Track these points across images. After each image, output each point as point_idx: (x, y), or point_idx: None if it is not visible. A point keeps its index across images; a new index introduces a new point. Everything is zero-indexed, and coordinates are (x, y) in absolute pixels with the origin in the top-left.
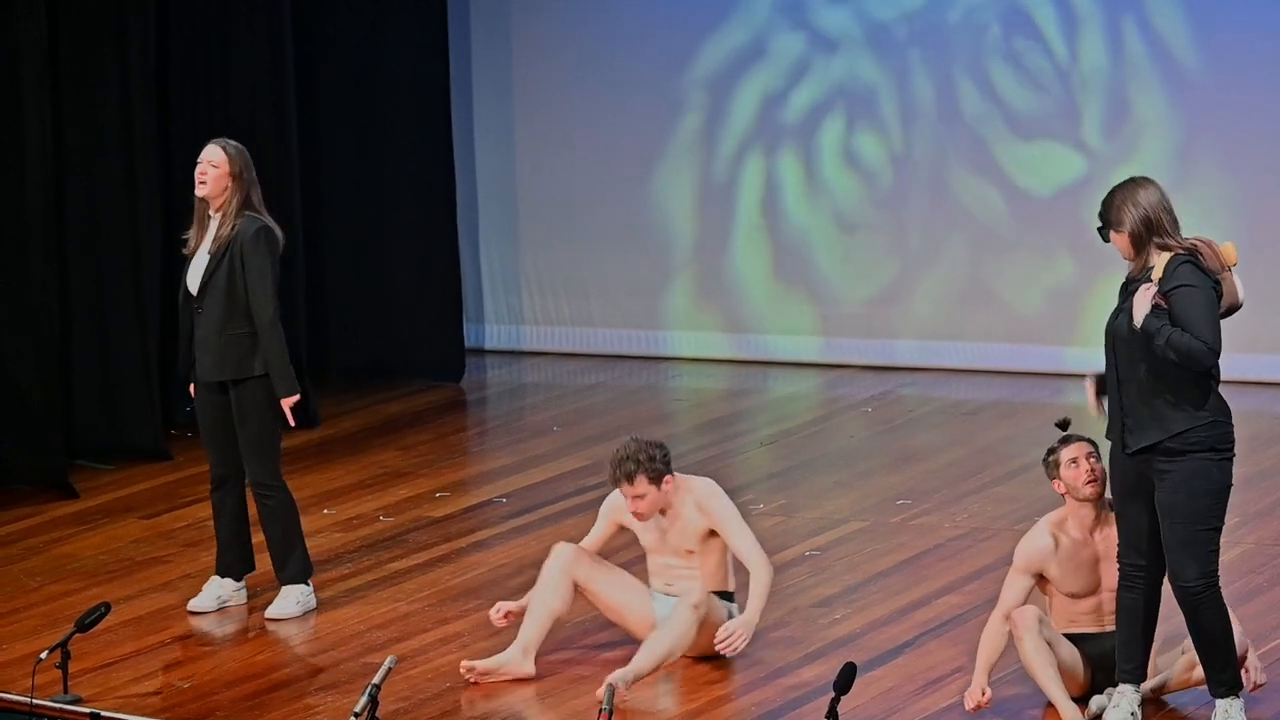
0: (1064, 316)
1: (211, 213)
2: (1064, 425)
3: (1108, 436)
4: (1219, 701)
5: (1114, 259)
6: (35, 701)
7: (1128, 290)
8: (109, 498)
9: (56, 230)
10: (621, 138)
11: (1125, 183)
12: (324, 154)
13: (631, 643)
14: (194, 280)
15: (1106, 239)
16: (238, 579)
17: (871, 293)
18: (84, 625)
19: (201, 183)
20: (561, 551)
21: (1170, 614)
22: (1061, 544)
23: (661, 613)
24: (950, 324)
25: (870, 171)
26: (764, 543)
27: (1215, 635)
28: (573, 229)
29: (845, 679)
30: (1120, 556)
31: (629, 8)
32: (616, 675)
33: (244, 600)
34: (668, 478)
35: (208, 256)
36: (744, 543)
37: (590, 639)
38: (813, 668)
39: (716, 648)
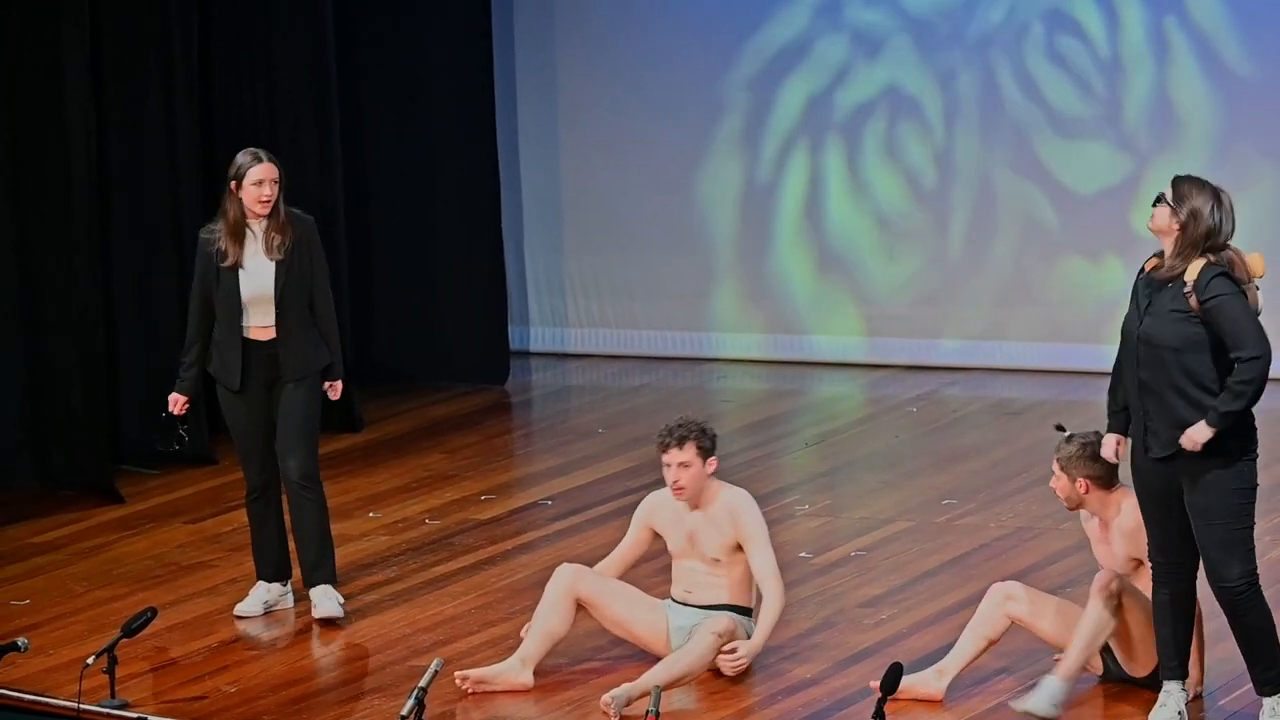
0: (1109, 315)
1: (254, 221)
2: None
3: (1130, 434)
4: (1266, 700)
5: None
6: (83, 706)
7: (1147, 287)
8: (155, 503)
9: (101, 234)
10: (665, 139)
11: (1211, 184)
12: (368, 157)
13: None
14: (262, 288)
15: (1156, 204)
16: (284, 582)
17: (915, 293)
18: (130, 630)
19: (268, 201)
20: (563, 572)
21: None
22: (1093, 523)
23: (676, 623)
24: (994, 323)
25: (913, 172)
26: (810, 543)
27: (1259, 633)
28: (617, 231)
29: (892, 679)
30: (1151, 556)
31: (671, 10)
32: (623, 689)
33: (290, 604)
34: (713, 460)
35: (271, 264)
36: (764, 564)
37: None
38: (859, 668)
39: (719, 660)
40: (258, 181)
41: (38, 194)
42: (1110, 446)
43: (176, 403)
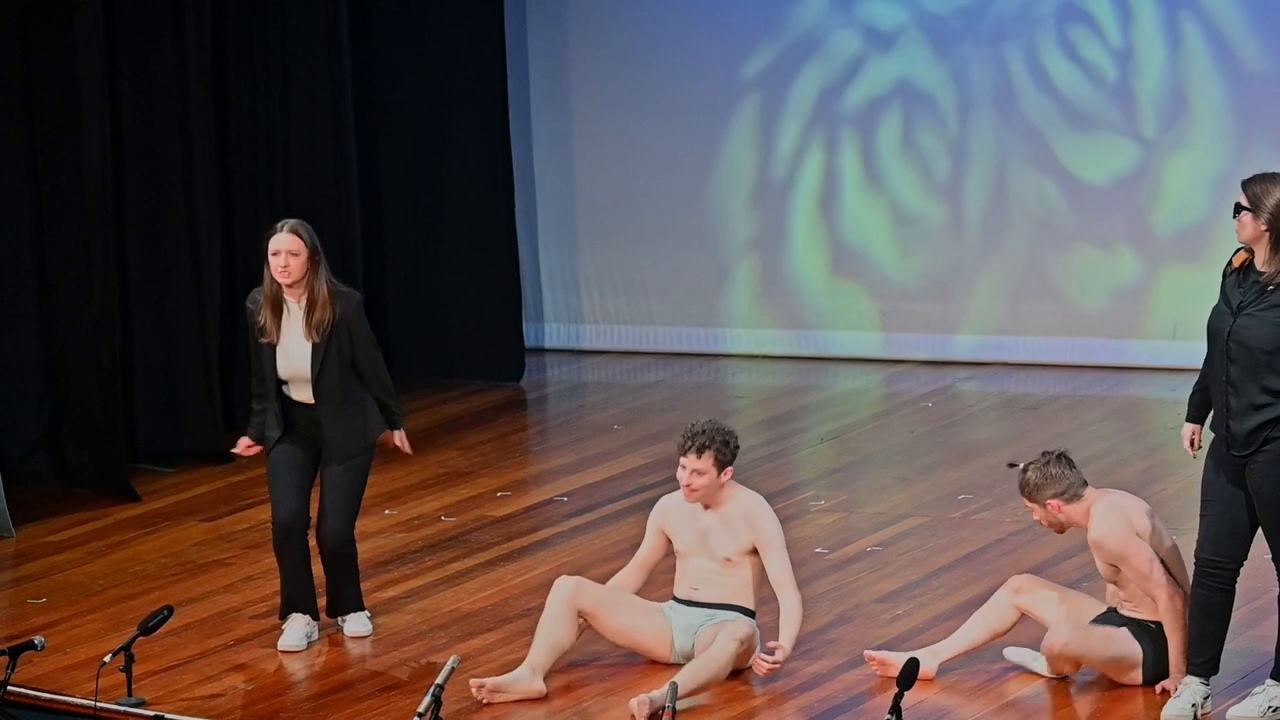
0: (1124, 309)
1: (293, 297)
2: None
3: (1212, 429)
4: (1268, 683)
5: (1174, 250)
6: (99, 705)
7: (1239, 285)
8: (171, 501)
9: (117, 233)
10: (679, 135)
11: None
12: (382, 154)
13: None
14: (298, 368)
15: (1236, 215)
16: (317, 614)
17: (930, 287)
18: (147, 628)
19: (285, 272)
20: (563, 585)
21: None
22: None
23: (680, 622)
24: (1010, 318)
25: (928, 165)
26: (825, 539)
27: None
28: (631, 227)
29: (908, 674)
30: (1197, 551)
31: (684, 6)
32: (647, 696)
33: (316, 636)
34: (729, 469)
35: (309, 345)
36: (781, 570)
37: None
38: None
39: (755, 658)
40: (274, 252)
41: (53, 195)
42: (1186, 437)
43: (242, 446)
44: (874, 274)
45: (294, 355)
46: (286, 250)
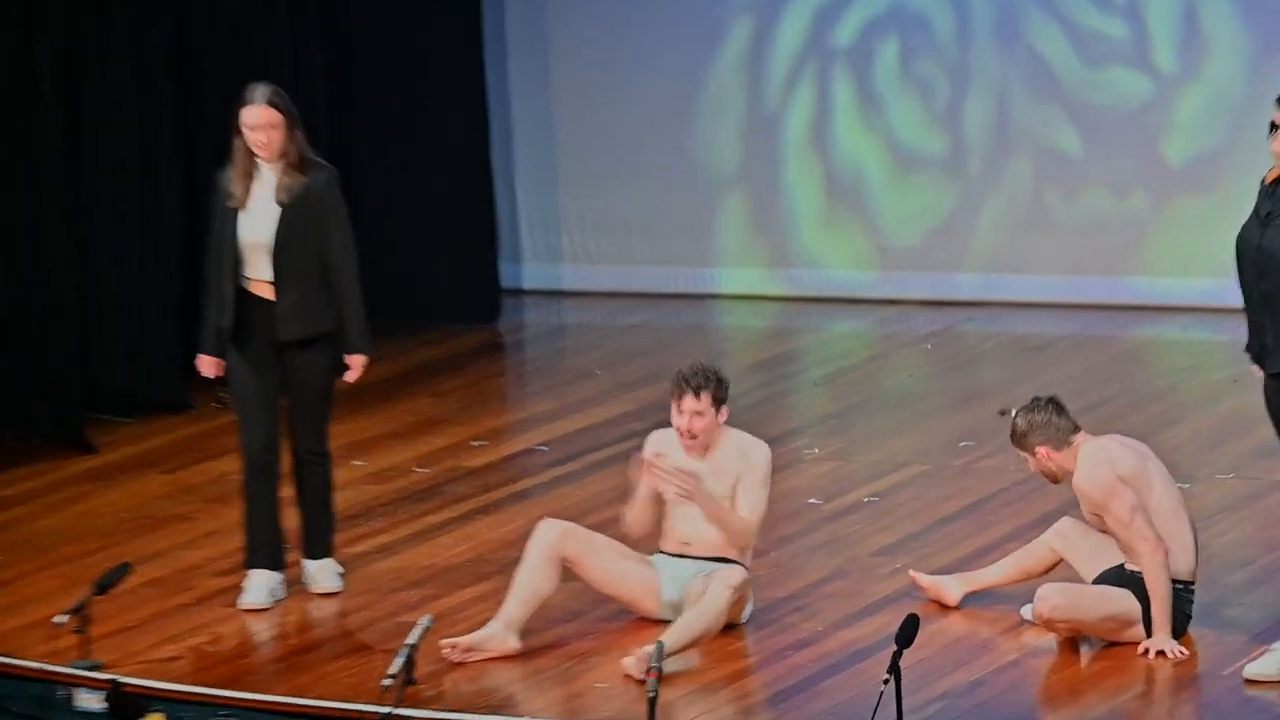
0: (1133, 245)
1: (269, 162)
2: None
3: (1246, 350)
4: None
5: (1186, 184)
6: (53, 668)
7: (1270, 198)
8: (128, 452)
9: (74, 178)
10: (664, 65)
11: None
12: (354, 89)
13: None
14: (261, 233)
15: (1272, 133)
16: (284, 568)
17: (930, 224)
18: (103, 587)
19: (264, 146)
20: (546, 529)
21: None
22: None
23: (668, 572)
24: (1013, 255)
25: (926, 95)
26: (820, 489)
27: None
28: (614, 162)
29: (908, 631)
30: None
31: None
32: (641, 651)
33: (283, 594)
34: (725, 409)
35: (277, 208)
36: (753, 504)
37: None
38: (874, 620)
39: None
40: (250, 126)
41: (4, 137)
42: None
43: (203, 364)
44: (870, 210)
45: (259, 219)
46: (266, 125)
